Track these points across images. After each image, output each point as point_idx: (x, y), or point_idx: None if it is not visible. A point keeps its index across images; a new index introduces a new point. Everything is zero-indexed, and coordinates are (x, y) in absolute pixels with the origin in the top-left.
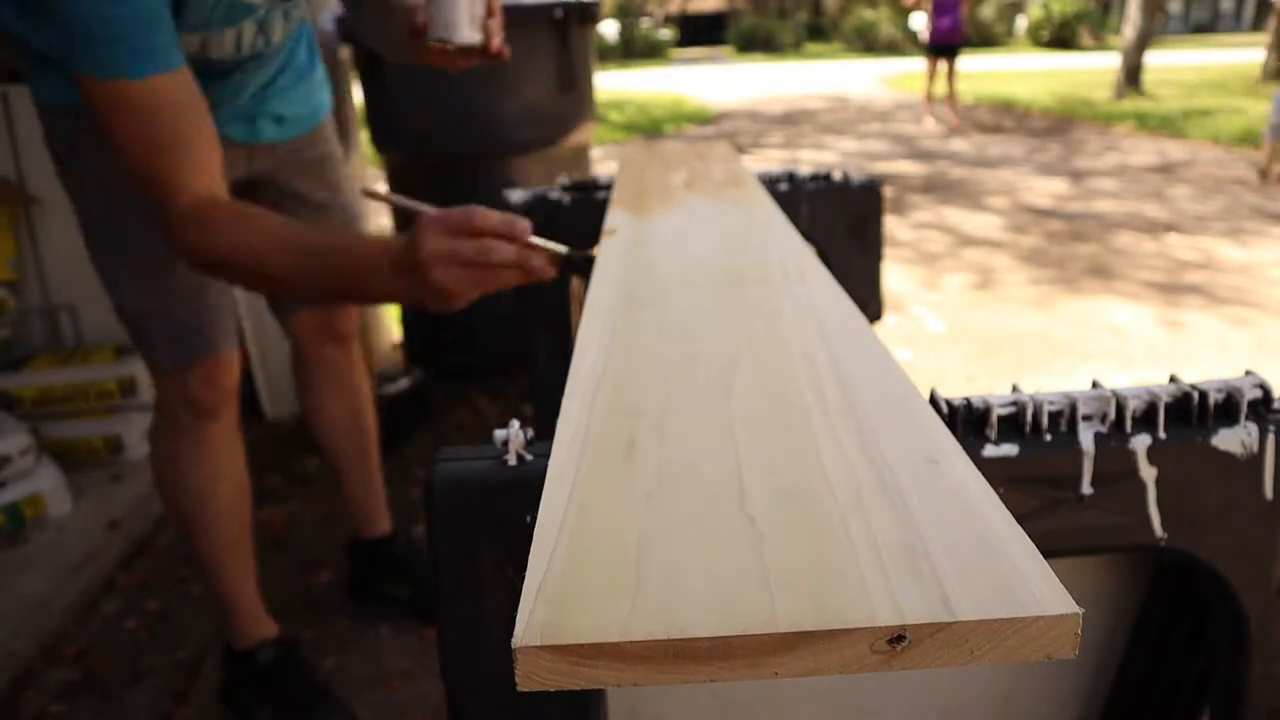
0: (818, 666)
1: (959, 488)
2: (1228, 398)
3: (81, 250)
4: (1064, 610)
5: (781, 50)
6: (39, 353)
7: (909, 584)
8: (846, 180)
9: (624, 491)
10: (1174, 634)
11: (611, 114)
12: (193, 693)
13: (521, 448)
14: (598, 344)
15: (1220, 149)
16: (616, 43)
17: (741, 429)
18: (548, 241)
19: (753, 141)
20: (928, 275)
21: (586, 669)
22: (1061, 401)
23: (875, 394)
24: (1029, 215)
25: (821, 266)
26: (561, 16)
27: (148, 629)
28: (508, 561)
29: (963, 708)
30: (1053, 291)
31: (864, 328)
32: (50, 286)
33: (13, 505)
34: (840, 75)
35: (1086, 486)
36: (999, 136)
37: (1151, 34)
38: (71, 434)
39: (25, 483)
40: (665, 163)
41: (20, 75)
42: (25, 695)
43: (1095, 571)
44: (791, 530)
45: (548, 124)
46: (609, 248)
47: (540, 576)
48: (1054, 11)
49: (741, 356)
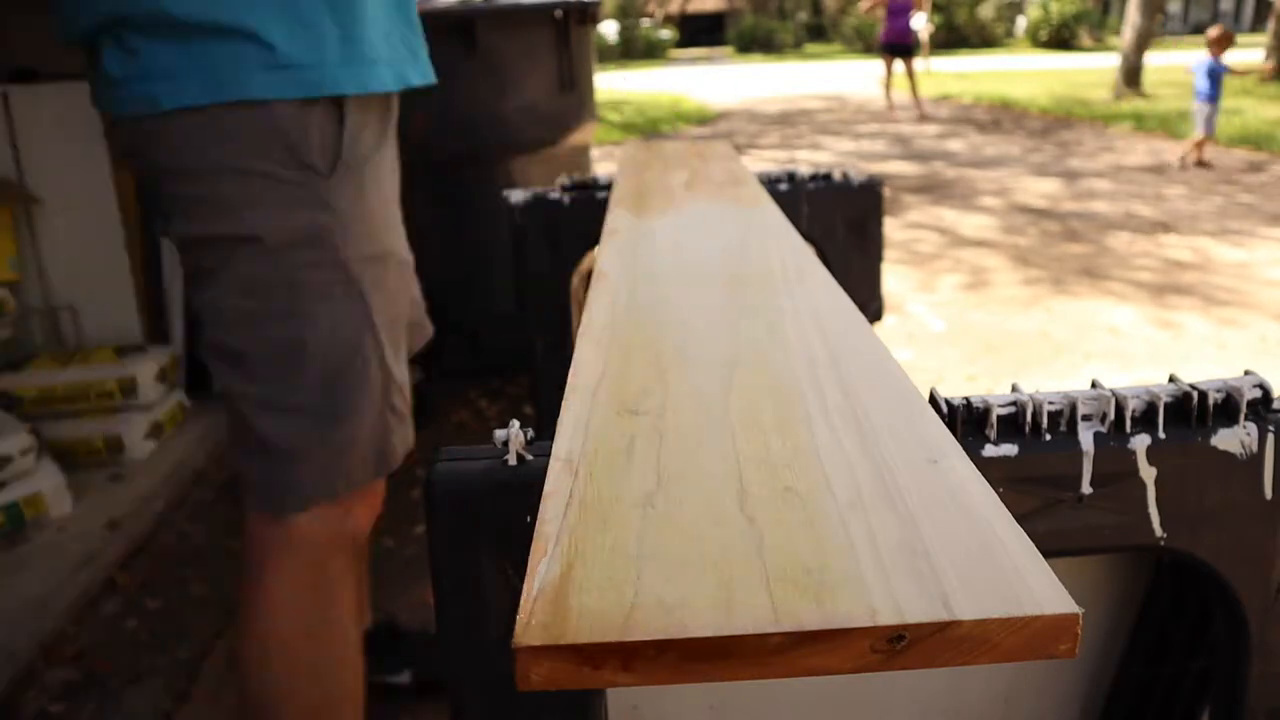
0: (818, 666)
1: (959, 488)
2: (1227, 398)
3: (82, 250)
4: (1064, 610)
5: (781, 50)
6: (39, 353)
7: (909, 584)
8: (846, 180)
9: (624, 491)
10: (1174, 634)
11: (609, 114)
12: (193, 692)
13: (521, 448)
14: (598, 344)
15: (1220, 149)
16: (616, 43)
17: (741, 429)
18: None
19: (749, 141)
20: (924, 276)
21: (586, 669)
22: (1061, 401)
23: (875, 394)
24: (1025, 215)
25: (821, 266)
26: (561, 16)
27: (148, 629)
28: (508, 561)
29: (963, 708)
30: (1050, 291)
31: (864, 328)
32: (51, 286)
33: (13, 505)
34: (839, 75)
35: (1086, 486)
36: (996, 136)
37: (1151, 34)
38: (72, 434)
39: (25, 483)
40: (665, 163)
41: (22, 76)
42: (25, 695)
43: (1095, 571)
44: (791, 530)
45: (548, 124)
46: (609, 248)
47: (540, 576)
48: (1053, 12)
49: (741, 356)
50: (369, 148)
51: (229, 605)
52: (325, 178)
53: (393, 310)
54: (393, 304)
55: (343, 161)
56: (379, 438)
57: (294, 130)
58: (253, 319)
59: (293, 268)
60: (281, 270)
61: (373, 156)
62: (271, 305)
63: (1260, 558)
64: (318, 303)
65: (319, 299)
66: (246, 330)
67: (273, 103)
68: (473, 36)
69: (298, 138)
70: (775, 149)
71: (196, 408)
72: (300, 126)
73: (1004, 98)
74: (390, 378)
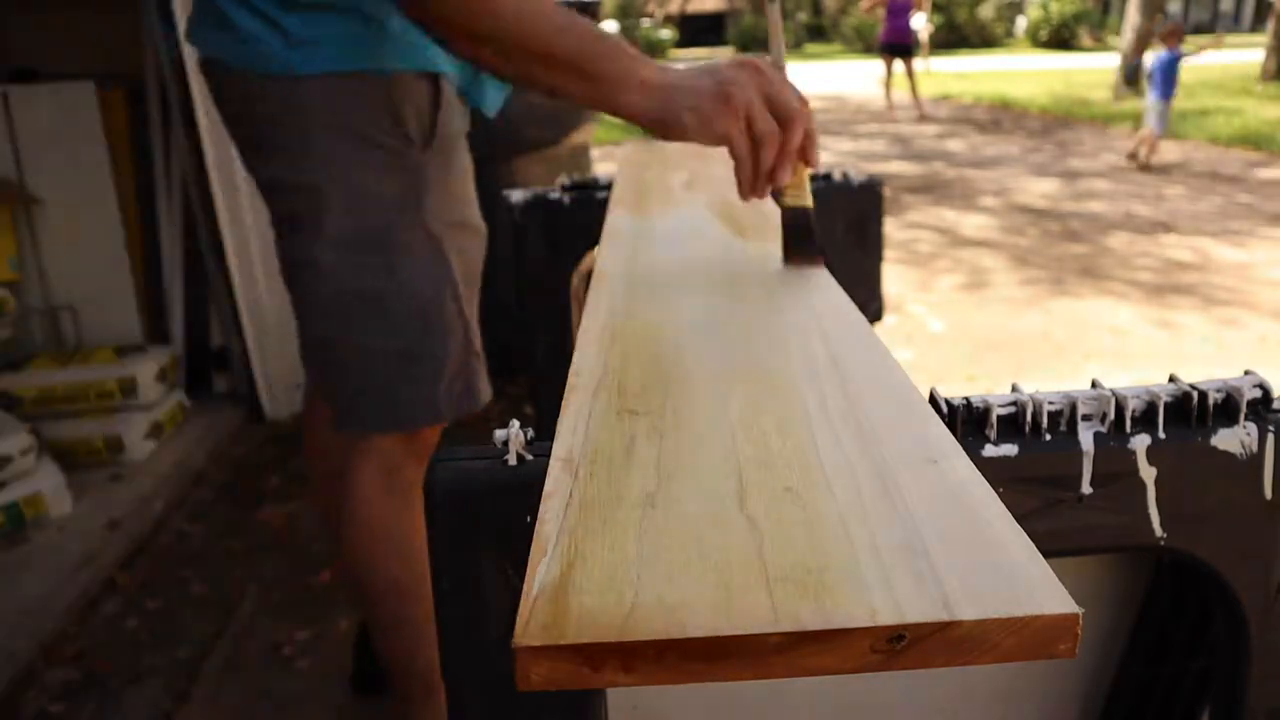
0: (818, 666)
1: (959, 488)
2: (1227, 397)
3: (82, 250)
4: (1064, 610)
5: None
6: (39, 353)
7: (909, 584)
8: (846, 180)
9: (624, 491)
10: (1174, 634)
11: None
12: (193, 692)
13: (521, 448)
14: (598, 344)
15: (1218, 149)
16: None
17: (741, 429)
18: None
19: None
20: (924, 276)
21: (586, 669)
22: (1061, 401)
23: (875, 394)
24: (1025, 215)
25: (821, 266)
26: None
27: (148, 629)
28: (508, 561)
29: (963, 708)
30: (1050, 291)
31: (864, 328)
32: (51, 286)
33: (13, 505)
34: (839, 75)
35: (1086, 486)
36: (995, 136)
37: (1151, 34)
38: (72, 434)
39: (25, 483)
40: (665, 163)
41: (22, 76)
42: (25, 695)
43: (1095, 571)
44: (791, 530)
45: (548, 124)
46: (609, 248)
47: (540, 576)
48: (1053, 12)
49: (741, 356)
50: (456, 129)
51: (229, 605)
52: (420, 148)
53: (468, 270)
54: (468, 265)
55: (436, 135)
56: (466, 377)
57: (400, 102)
58: (343, 263)
59: (386, 225)
60: (374, 226)
61: (458, 138)
62: (365, 258)
63: (1260, 558)
64: (405, 256)
65: (407, 253)
66: (335, 274)
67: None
68: None
69: (402, 109)
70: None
71: (196, 408)
72: (405, 99)
73: (1004, 98)
74: (469, 326)
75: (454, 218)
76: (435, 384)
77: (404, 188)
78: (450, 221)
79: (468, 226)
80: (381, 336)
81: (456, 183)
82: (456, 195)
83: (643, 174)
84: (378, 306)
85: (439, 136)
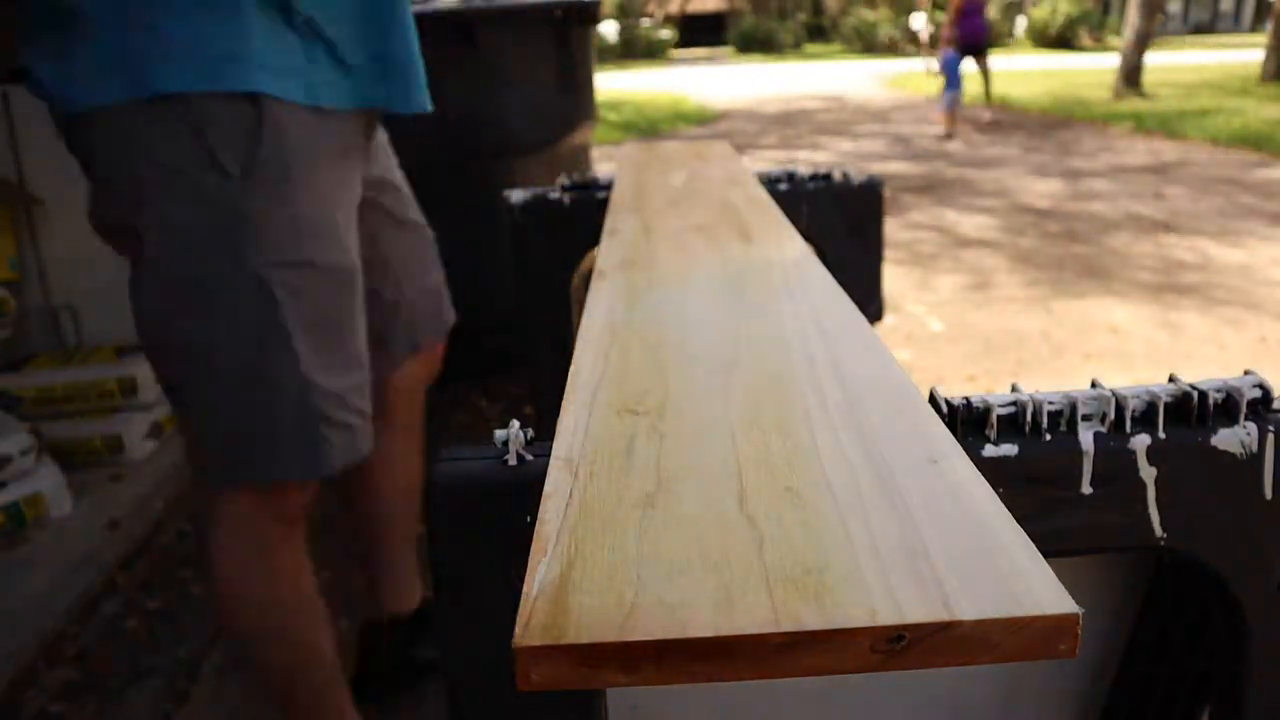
0: (818, 666)
1: (959, 488)
2: (1227, 397)
3: (82, 250)
4: (1064, 610)
5: (781, 50)
6: (39, 353)
7: (909, 584)
8: (847, 180)
9: (624, 491)
10: (1174, 634)
11: (609, 114)
12: (193, 692)
13: (521, 448)
14: (598, 344)
15: (1219, 149)
16: (616, 43)
17: (741, 429)
18: None
19: (749, 142)
20: (924, 276)
21: (586, 669)
22: (1061, 401)
23: (875, 394)
24: (1025, 215)
25: (821, 266)
26: (561, 17)
27: (148, 629)
28: (508, 561)
29: (963, 708)
30: (1050, 291)
31: (864, 328)
32: (51, 286)
33: (13, 505)
34: (839, 75)
35: (1086, 486)
36: (995, 137)
37: (1150, 35)
38: (72, 434)
39: (25, 483)
40: (665, 163)
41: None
42: (25, 695)
43: (1095, 571)
44: (791, 530)
45: (548, 124)
46: (609, 248)
47: (540, 577)
48: (1053, 12)
49: (741, 356)
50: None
51: None
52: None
53: (317, 316)
54: (320, 310)
55: (258, 163)
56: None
57: (203, 127)
58: (162, 312)
59: (201, 268)
60: (188, 269)
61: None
62: (177, 301)
63: (1260, 558)
64: (222, 302)
65: (224, 300)
66: (158, 323)
67: (189, 95)
68: (473, 36)
69: (207, 135)
70: (775, 149)
71: None
72: (209, 125)
73: (1004, 98)
74: (309, 384)
75: (294, 257)
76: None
77: (218, 225)
78: (286, 262)
79: (318, 267)
80: (207, 391)
81: (307, 217)
82: (303, 231)
83: (643, 174)
84: (200, 359)
85: (265, 164)
